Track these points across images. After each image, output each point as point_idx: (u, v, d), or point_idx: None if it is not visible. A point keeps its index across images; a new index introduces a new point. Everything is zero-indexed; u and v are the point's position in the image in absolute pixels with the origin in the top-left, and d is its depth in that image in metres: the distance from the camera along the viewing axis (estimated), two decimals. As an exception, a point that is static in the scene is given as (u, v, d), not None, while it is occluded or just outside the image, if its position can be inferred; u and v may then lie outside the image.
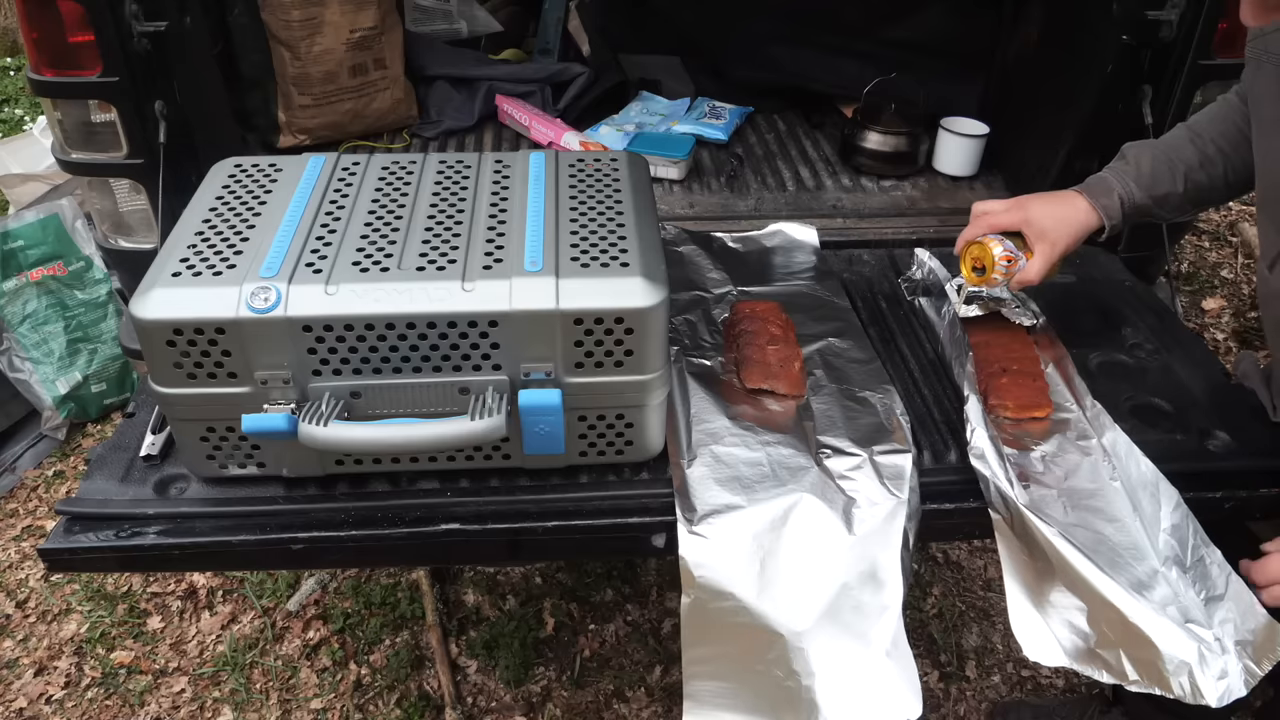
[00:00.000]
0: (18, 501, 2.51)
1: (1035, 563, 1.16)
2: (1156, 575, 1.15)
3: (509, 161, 1.34)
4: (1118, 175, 1.36)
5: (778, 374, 1.37)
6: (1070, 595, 1.14)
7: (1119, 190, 1.34)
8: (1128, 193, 1.34)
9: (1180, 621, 1.10)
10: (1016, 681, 2.08)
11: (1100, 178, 1.37)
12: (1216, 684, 1.08)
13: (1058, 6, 1.96)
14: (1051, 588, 1.15)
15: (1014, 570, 1.16)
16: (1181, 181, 1.33)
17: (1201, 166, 1.33)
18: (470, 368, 1.12)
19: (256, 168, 1.30)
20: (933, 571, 2.31)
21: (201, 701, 2.02)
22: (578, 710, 2.00)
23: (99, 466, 1.27)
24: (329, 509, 1.21)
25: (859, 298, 1.65)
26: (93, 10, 1.55)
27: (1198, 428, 1.35)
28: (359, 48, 2.14)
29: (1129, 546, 1.17)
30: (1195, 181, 1.34)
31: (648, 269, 1.12)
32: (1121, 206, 1.34)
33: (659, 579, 2.26)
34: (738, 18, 2.47)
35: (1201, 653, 1.08)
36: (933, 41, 2.39)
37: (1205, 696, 1.07)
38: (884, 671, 1.15)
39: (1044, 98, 1.95)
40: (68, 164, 1.76)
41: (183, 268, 1.10)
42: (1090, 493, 1.23)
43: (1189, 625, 1.10)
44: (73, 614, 2.20)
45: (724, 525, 1.17)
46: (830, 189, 2.12)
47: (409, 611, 2.18)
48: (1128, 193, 1.34)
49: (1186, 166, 1.33)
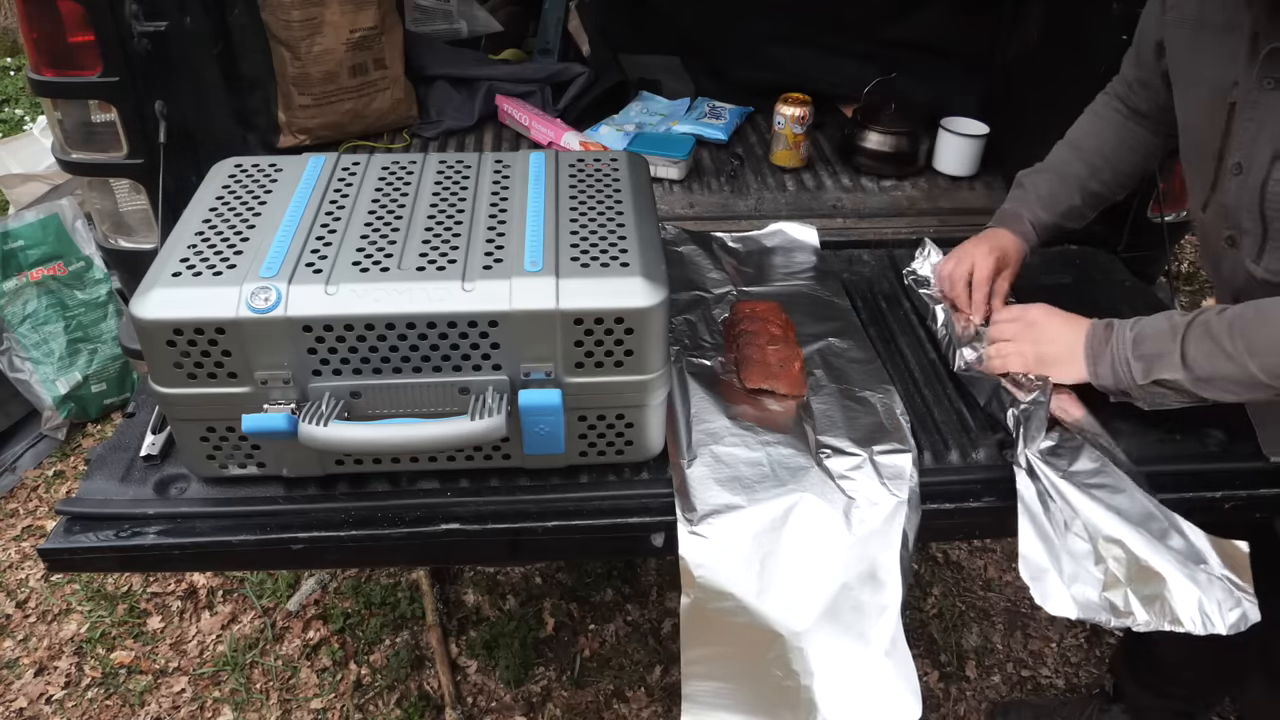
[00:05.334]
0: (18, 501, 2.51)
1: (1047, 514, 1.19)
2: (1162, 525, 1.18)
3: (509, 161, 1.34)
4: (1023, 204, 1.52)
5: (778, 374, 1.37)
6: (1080, 539, 1.16)
7: (1028, 217, 1.51)
8: (1035, 217, 1.51)
9: (1183, 560, 1.13)
10: (1016, 681, 2.08)
11: (1005, 210, 1.53)
12: (1228, 614, 1.10)
13: (1058, 6, 1.96)
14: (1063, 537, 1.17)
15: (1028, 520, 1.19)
16: (1078, 194, 1.50)
17: (1092, 176, 1.49)
18: (470, 368, 1.12)
19: (256, 168, 1.30)
20: (933, 571, 2.31)
21: (201, 701, 2.02)
22: (578, 710, 2.01)
23: (99, 466, 1.27)
24: (329, 509, 1.21)
25: (859, 298, 1.65)
26: (93, 10, 1.55)
27: (1198, 428, 1.35)
28: (359, 48, 2.14)
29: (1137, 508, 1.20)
30: (1090, 190, 1.50)
31: (648, 269, 1.12)
32: (1034, 229, 1.51)
33: (659, 579, 2.26)
34: (738, 18, 2.47)
35: (1206, 584, 1.11)
36: (933, 41, 2.39)
37: (1216, 626, 1.10)
38: (883, 672, 1.15)
39: (1044, 98, 1.95)
40: (68, 164, 1.75)
41: (183, 268, 1.10)
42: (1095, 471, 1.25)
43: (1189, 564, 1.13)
44: (73, 614, 2.20)
45: (724, 525, 1.17)
46: (830, 189, 2.12)
47: (409, 611, 2.19)
48: (1035, 217, 1.51)
49: (1079, 180, 1.49)
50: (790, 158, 2.16)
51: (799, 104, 2.11)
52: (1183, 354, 1.16)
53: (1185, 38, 1.26)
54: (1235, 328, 1.12)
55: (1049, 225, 1.51)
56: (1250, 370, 1.10)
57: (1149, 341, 1.20)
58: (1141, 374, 1.20)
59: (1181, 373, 1.16)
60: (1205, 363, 1.14)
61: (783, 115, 2.12)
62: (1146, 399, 1.24)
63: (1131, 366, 1.21)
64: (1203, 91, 1.23)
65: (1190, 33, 1.24)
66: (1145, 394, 1.23)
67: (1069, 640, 2.17)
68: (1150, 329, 1.21)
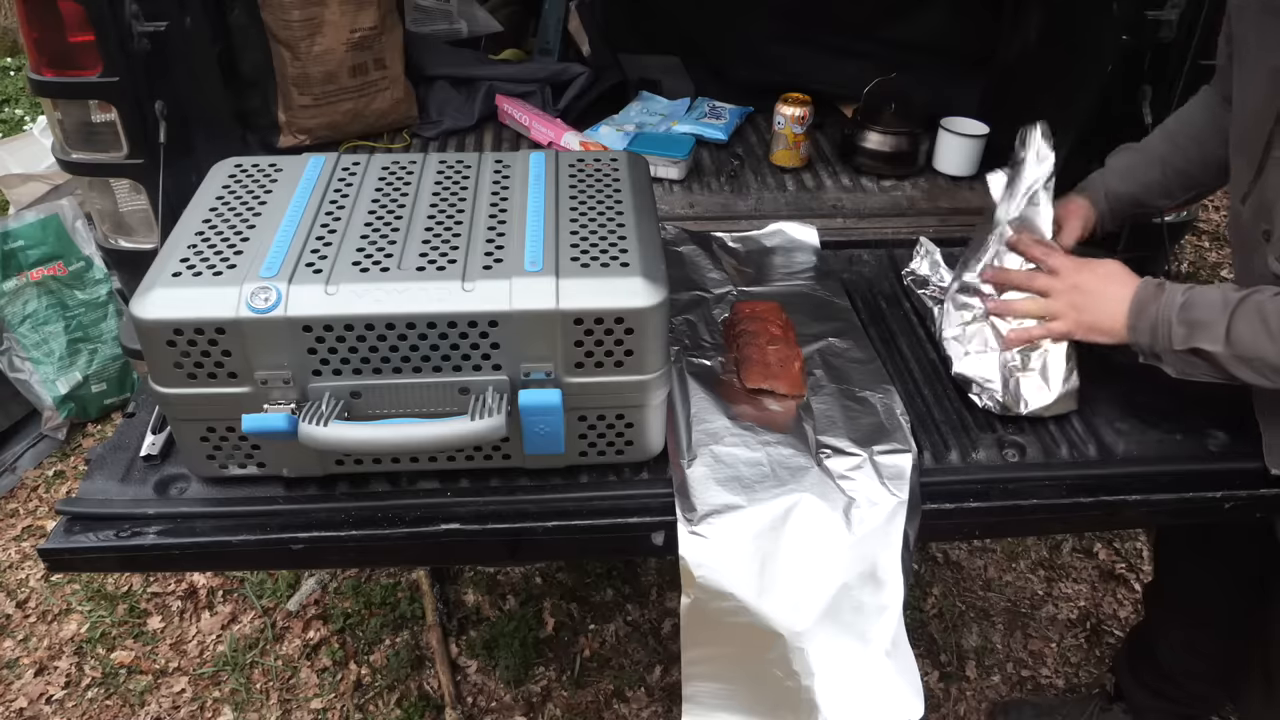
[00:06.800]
0: (18, 501, 2.51)
1: None
2: None
3: (509, 161, 1.34)
4: (1098, 174, 1.52)
5: (778, 374, 1.37)
6: None
7: (1099, 183, 1.51)
8: (1106, 185, 1.50)
9: None
10: (1016, 681, 2.08)
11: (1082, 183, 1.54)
12: None
13: (1058, 6, 1.96)
14: None
15: None
16: (1158, 168, 1.47)
17: (1175, 151, 1.47)
18: (470, 368, 1.12)
19: (256, 168, 1.30)
20: (933, 571, 2.31)
21: (201, 701, 2.02)
22: (578, 710, 2.01)
23: (99, 466, 1.26)
24: (329, 509, 1.21)
25: (859, 298, 1.65)
26: (93, 10, 1.54)
27: (1198, 428, 1.35)
28: (359, 48, 2.14)
29: None
30: (1175, 166, 1.46)
31: (648, 269, 1.12)
32: (1105, 196, 1.49)
33: (659, 579, 2.26)
34: (738, 17, 2.47)
35: None
36: (933, 41, 2.39)
37: None
38: (884, 671, 1.15)
39: (1044, 98, 1.94)
40: (68, 164, 1.75)
41: (183, 268, 1.10)
42: None
43: None
44: (73, 614, 2.20)
45: (724, 525, 1.17)
46: (830, 189, 2.12)
47: (409, 611, 2.19)
48: (1106, 185, 1.50)
49: (1160, 155, 1.47)
50: (790, 158, 2.16)
51: (799, 104, 2.11)
52: (1229, 328, 1.12)
53: (1249, 20, 1.23)
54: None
55: (1122, 195, 1.48)
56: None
57: (1198, 308, 1.16)
58: (1181, 340, 1.16)
59: (1223, 346, 1.12)
60: (1250, 342, 1.10)
61: (783, 115, 2.13)
62: (1177, 366, 1.19)
63: (1173, 330, 1.17)
64: (1260, 76, 1.19)
65: (1255, 14, 1.21)
66: (1178, 361, 1.18)
67: (1069, 640, 2.17)
68: (1201, 297, 1.17)
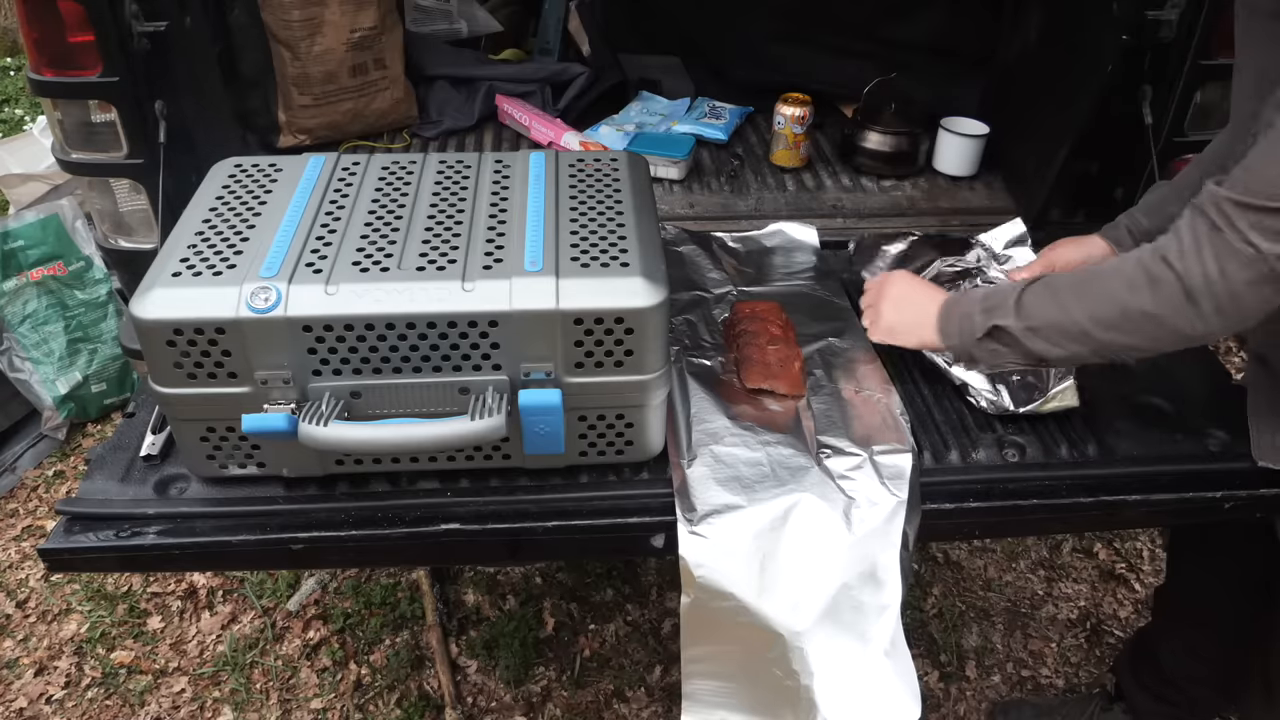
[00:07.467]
0: (18, 501, 2.51)
1: None
2: None
3: (509, 161, 1.34)
4: (1127, 213, 1.47)
5: (778, 374, 1.37)
6: None
7: (1125, 223, 1.46)
8: (1133, 222, 1.45)
9: None
10: (1016, 681, 2.08)
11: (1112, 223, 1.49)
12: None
13: (1058, 6, 1.96)
14: None
15: None
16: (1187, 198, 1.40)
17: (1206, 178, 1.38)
18: (470, 368, 1.12)
19: (256, 168, 1.30)
20: (933, 571, 2.31)
21: (201, 701, 2.02)
22: (578, 710, 2.00)
23: (99, 466, 1.27)
24: (329, 509, 1.21)
25: (859, 298, 1.65)
26: (93, 10, 1.54)
27: (1198, 428, 1.35)
28: (359, 48, 2.14)
29: None
30: None
31: (648, 269, 1.12)
32: (1130, 235, 1.43)
33: (659, 579, 2.26)
34: (738, 17, 2.47)
35: None
36: (933, 41, 2.39)
37: None
38: (883, 671, 1.15)
39: (1044, 98, 1.94)
40: (68, 164, 1.75)
41: (183, 268, 1.10)
42: None
43: None
44: (73, 614, 2.20)
45: (724, 525, 1.17)
46: (830, 189, 2.12)
47: (409, 611, 2.18)
48: (1133, 222, 1.45)
49: (1190, 183, 1.40)
50: (790, 158, 2.16)
51: (799, 104, 2.11)
52: (1018, 300, 1.14)
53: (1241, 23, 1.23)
54: (1070, 281, 1.12)
55: (1150, 231, 1.43)
56: (1075, 317, 1.09)
57: (995, 295, 1.19)
58: (981, 325, 1.18)
59: (1014, 318, 1.14)
60: (1037, 310, 1.12)
61: (783, 115, 2.12)
62: (987, 356, 1.21)
63: (975, 319, 1.19)
64: (1246, 79, 1.20)
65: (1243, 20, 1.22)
66: (984, 350, 1.20)
67: (1069, 640, 2.17)
68: (999, 286, 1.21)
